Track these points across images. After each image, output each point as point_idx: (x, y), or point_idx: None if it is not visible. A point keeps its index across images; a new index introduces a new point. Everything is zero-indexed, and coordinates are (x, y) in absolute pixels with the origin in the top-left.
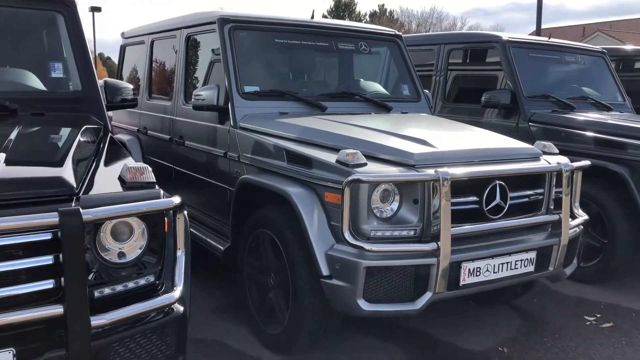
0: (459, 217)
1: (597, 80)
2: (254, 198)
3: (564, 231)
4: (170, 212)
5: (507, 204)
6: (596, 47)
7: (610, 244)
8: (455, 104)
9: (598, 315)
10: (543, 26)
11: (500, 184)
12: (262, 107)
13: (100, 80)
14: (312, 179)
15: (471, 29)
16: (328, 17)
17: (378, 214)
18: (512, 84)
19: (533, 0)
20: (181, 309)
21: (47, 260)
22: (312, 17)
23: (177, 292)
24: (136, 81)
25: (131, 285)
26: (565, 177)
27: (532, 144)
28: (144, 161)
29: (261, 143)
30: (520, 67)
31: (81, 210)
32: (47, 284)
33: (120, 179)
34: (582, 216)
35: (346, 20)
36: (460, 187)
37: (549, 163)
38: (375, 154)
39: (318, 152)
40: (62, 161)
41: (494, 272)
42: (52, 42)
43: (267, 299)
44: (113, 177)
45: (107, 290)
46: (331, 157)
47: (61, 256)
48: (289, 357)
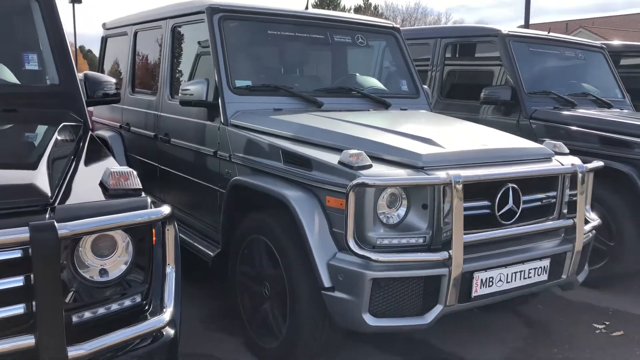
0: (469, 222)
1: (596, 76)
2: (246, 201)
3: (578, 237)
4: (159, 223)
5: (520, 209)
6: (595, 43)
7: (616, 247)
8: (451, 100)
9: (607, 323)
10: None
11: (512, 187)
12: (255, 103)
13: (80, 73)
14: (311, 181)
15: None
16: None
17: (384, 220)
18: (513, 79)
19: None
20: (171, 332)
21: (16, 281)
22: (307, 8)
23: (167, 314)
24: (118, 75)
25: (115, 307)
26: (580, 179)
27: (536, 143)
28: (126, 159)
29: (255, 142)
30: (520, 62)
31: (56, 224)
32: (17, 309)
33: (101, 185)
34: (595, 220)
35: None
36: (470, 190)
37: (562, 164)
38: (380, 154)
39: (318, 152)
40: (36, 165)
41: (507, 282)
42: (26, 31)
43: (261, 310)
44: (94, 182)
45: (87, 314)
46: (333, 158)
47: (32, 277)
48: None
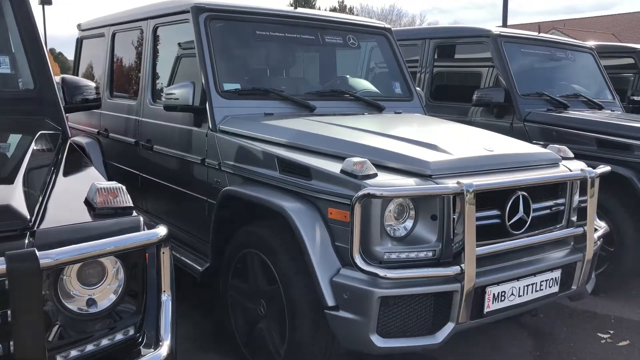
0: (478, 233)
1: (586, 78)
2: (239, 212)
3: (589, 245)
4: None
5: (530, 217)
6: (585, 43)
7: (616, 252)
8: (441, 102)
9: (611, 332)
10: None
11: (523, 195)
12: (244, 108)
13: (57, 77)
14: (311, 191)
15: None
16: None
17: (391, 234)
18: (505, 81)
19: None
20: None
21: None
22: (296, 8)
23: (165, 348)
24: (95, 78)
25: (105, 342)
26: (589, 185)
27: (542, 147)
28: (105, 167)
29: (246, 149)
30: (512, 64)
31: (37, 252)
32: None
33: (87, 203)
34: (602, 227)
35: None
36: (480, 199)
37: (571, 169)
38: (383, 162)
39: (317, 160)
40: (10, 181)
41: (519, 296)
42: None
43: (256, 330)
44: (78, 200)
45: (73, 353)
46: (334, 167)
47: (9, 313)
48: None
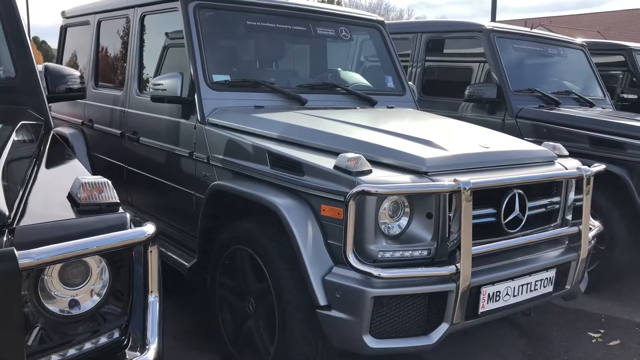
0: (473, 232)
1: (577, 74)
2: (227, 207)
3: (583, 244)
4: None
5: (526, 216)
6: (577, 40)
7: (607, 251)
8: (433, 97)
9: (602, 331)
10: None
11: (519, 193)
12: (234, 100)
13: (40, 65)
14: (303, 187)
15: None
16: None
17: (385, 232)
18: (498, 77)
19: None
20: None
21: None
22: None
23: (152, 352)
24: (79, 67)
25: (88, 345)
26: (585, 183)
27: (537, 145)
28: (89, 159)
29: (236, 142)
30: (505, 59)
31: (16, 251)
32: None
33: (70, 198)
34: (597, 226)
35: None
36: (475, 197)
37: (567, 168)
38: (378, 158)
39: (309, 155)
40: None
41: (514, 296)
42: None
43: (244, 328)
44: (61, 195)
45: (54, 358)
46: (327, 162)
47: None
48: None
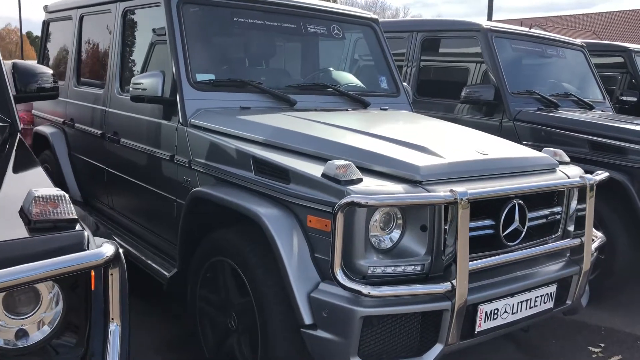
0: (470, 245)
1: (577, 76)
2: (209, 215)
3: (586, 257)
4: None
5: (526, 227)
6: (576, 41)
7: (607, 260)
8: (428, 98)
9: (602, 345)
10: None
11: (519, 204)
12: (219, 100)
13: (8, 62)
14: (289, 196)
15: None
16: None
17: (376, 245)
18: (496, 78)
19: None
20: None
21: None
22: None
23: None
24: (62, 64)
25: None
26: (589, 192)
27: (537, 151)
28: (70, 160)
29: (219, 146)
30: (503, 60)
31: None
32: None
33: (22, 214)
34: (599, 237)
35: None
36: (472, 208)
37: (569, 176)
38: (368, 165)
39: (296, 161)
40: None
41: (512, 314)
42: None
43: (226, 344)
44: (12, 209)
45: None
46: (315, 169)
47: None
48: None
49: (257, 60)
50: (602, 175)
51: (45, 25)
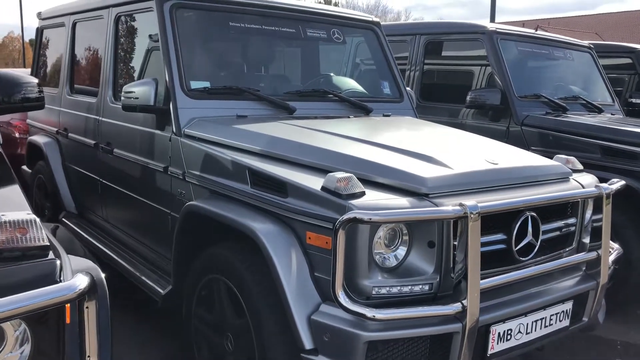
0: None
1: (585, 78)
2: (204, 231)
3: (603, 271)
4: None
5: (539, 241)
6: (584, 42)
7: (621, 270)
8: (432, 103)
9: None
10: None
11: (532, 216)
12: (214, 109)
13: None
14: (287, 211)
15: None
16: None
17: (380, 263)
18: (502, 81)
19: None
20: None
21: None
22: None
23: None
24: (55, 72)
25: None
26: (605, 202)
27: (550, 160)
28: (64, 171)
29: (214, 157)
30: (509, 63)
31: None
32: None
33: None
34: (616, 250)
35: None
36: (483, 222)
37: (583, 185)
38: (371, 176)
39: (294, 173)
40: None
41: (527, 334)
42: None
43: None
44: None
45: None
46: (314, 182)
47: None
48: None
49: (255, 67)
50: (618, 183)
51: (39, 32)
